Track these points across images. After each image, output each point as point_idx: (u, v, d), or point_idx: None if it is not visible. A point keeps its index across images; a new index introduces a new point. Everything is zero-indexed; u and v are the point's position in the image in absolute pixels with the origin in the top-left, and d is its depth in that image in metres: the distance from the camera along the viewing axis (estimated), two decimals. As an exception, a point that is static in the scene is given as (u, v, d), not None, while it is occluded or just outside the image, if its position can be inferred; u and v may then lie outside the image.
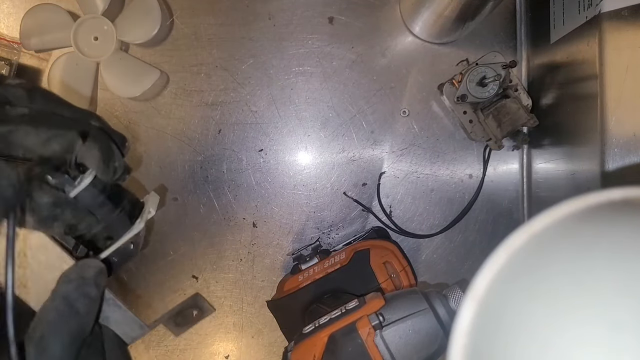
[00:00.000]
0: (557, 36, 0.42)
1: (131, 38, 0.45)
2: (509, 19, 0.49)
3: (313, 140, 0.49)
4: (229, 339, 0.51)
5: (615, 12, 0.33)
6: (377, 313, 0.34)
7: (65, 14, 0.44)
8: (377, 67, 0.49)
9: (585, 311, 0.15)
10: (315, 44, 0.49)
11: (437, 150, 0.50)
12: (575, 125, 0.39)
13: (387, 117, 0.49)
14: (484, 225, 0.50)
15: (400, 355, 0.33)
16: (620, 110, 0.33)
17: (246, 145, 0.49)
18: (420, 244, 0.50)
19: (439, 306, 0.35)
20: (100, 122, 0.25)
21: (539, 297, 0.16)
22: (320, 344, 0.35)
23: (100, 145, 0.24)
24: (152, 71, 0.46)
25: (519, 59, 0.49)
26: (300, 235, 0.50)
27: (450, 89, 0.46)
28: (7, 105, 0.22)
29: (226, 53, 0.49)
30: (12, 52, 0.47)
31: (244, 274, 0.50)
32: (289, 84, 0.49)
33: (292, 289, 0.44)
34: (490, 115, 0.45)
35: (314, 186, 0.50)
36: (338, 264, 0.43)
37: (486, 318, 0.17)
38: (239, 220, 0.50)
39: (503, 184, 0.50)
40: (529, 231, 0.18)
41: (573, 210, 0.18)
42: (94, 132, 0.24)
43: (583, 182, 0.38)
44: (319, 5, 0.49)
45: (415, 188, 0.50)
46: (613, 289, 0.15)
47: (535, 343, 0.15)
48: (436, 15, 0.43)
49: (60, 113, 0.24)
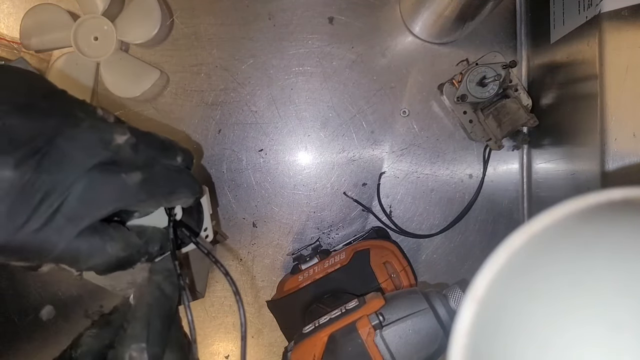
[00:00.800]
0: (557, 36, 0.42)
1: (131, 38, 0.45)
2: (509, 19, 0.49)
3: (313, 140, 0.49)
4: (229, 339, 0.51)
5: (615, 12, 0.33)
6: (377, 313, 0.34)
7: (65, 14, 0.44)
8: (377, 67, 0.49)
9: (585, 311, 0.15)
10: (315, 44, 0.49)
11: (437, 150, 0.50)
12: (575, 125, 0.39)
13: (387, 117, 0.49)
14: (484, 225, 0.50)
15: (400, 355, 0.33)
16: (620, 110, 0.33)
17: (246, 145, 0.49)
18: (420, 244, 0.50)
19: (439, 306, 0.35)
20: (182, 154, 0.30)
21: (539, 297, 0.16)
22: (320, 344, 0.35)
23: (191, 192, 0.30)
24: (152, 71, 0.46)
25: (519, 59, 0.49)
26: (300, 235, 0.50)
27: (450, 89, 0.46)
28: (122, 174, 0.25)
29: (226, 53, 0.49)
30: (12, 52, 0.47)
31: (244, 274, 0.50)
32: (289, 84, 0.49)
33: (292, 289, 0.44)
34: (490, 115, 0.45)
35: (314, 186, 0.50)
36: (338, 264, 0.43)
37: (486, 318, 0.17)
38: (238, 220, 0.50)
39: (503, 184, 0.50)
40: (529, 231, 0.18)
41: (573, 210, 0.18)
42: (185, 180, 0.29)
43: (583, 182, 0.38)
44: (319, 5, 0.49)
45: (415, 188, 0.50)
46: (613, 289, 0.15)
47: (535, 343, 0.15)
48: (436, 15, 0.43)
49: (161, 160, 0.28)
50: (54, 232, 0.23)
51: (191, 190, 0.30)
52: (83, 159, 0.24)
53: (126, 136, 0.26)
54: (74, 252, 0.24)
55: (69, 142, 0.24)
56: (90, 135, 0.25)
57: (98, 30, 0.44)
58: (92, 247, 0.24)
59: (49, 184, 0.23)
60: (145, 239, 0.28)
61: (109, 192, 0.24)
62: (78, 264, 0.25)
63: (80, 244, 0.24)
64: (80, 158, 0.24)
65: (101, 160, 0.25)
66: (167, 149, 0.29)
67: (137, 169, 0.26)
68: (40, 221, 0.22)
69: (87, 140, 0.24)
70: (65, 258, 0.24)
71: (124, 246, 0.26)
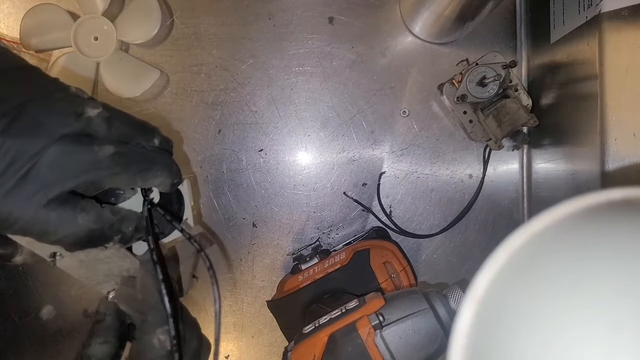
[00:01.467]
0: (557, 36, 0.42)
1: (131, 38, 0.45)
2: (509, 19, 0.49)
3: (313, 140, 0.49)
4: (229, 339, 0.51)
5: (615, 12, 0.33)
6: (377, 313, 0.34)
7: (65, 14, 0.44)
8: (377, 67, 0.49)
9: (585, 311, 0.15)
10: (315, 44, 0.49)
11: (437, 150, 0.50)
12: (575, 125, 0.39)
13: (387, 117, 0.49)
14: (484, 225, 0.50)
15: (400, 355, 0.33)
16: (620, 110, 0.33)
17: (246, 145, 0.49)
18: (420, 244, 0.50)
19: (439, 306, 0.35)
20: (160, 136, 0.29)
21: (539, 297, 0.16)
22: (320, 344, 0.35)
23: (169, 173, 0.28)
24: (152, 71, 0.46)
25: (519, 59, 0.49)
26: (300, 235, 0.50)
27: (450, 89, 0.46)
28: (94, 145, 0.24)
29: (226, 53, 0.49)
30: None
31: (244, 274, 0.50)
32: (289, 84, 0.49)
33: (292, 289, 0.44)
34: (490, 115, 0.45)
35: (314, 186, 0.50)
36: (338, 264, 0.43)
37: (486, 318, 0.17)
38: (238, 220, 0.50)
39: (503, 184, 0.50)
40: (529, 231, 0.18)
41: (573, 210, 0.18)
42: (162, 160, 0.28)
43: (583, 182, 0.38)
44: (319, 5, 0.49)
45: (415, 188, 0.50)
46: (613, 289, 0.15)
47: (535, 343, 0.15)
48: (436, 15, 0.43)
49: (137, 140, 0.27)
50: (21, 198, 0.22)
51: (169, 170, 0.28)
52: (54, 127, 0.23)
53: (98, 109, 0.25)
54: (43, 222, 0.23)
55: (40, 109, 0.23)
56: (62, 105, 0.24)
57: (98, 30, 0.44)
58: (61, 217, 0.24)
59: (17, 150, 0.22)
60: (120, 216, 0.27)
61: (80, 162, 0.24)
62: (47, 235, 0.24)
63: (50, 213, 0.23)
64: (51, 126, 0.23)
65: (73, 130, 0.24)
66: (144, 128, 0.28)
67: (110, 143, 0.25)
68: (7, 186, 0.22)
69: (59, 109, 0.24)
70: (33, 228, 0.23)
71: (95, 218, 0.25)
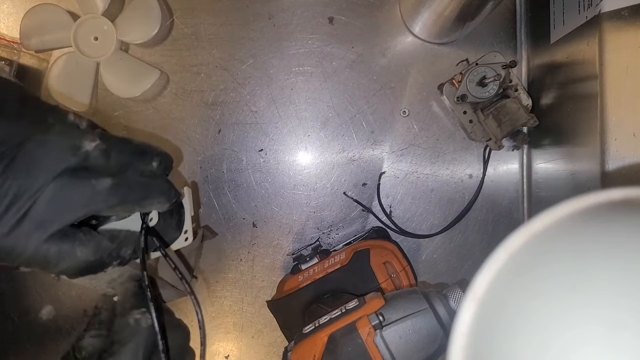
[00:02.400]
0: (557, 36, 0.42)
1: (131, 38, 0.45)
2: (509, 19, 0.49)
3: (313, 140, 0.49)
4: (229, 339, 0.51)
5: (615, 12, 0.33)
6: (377, 313, 0.34)
7: (65, 14, 0.44)
8: (377, 67, 0.49)
9: (585, 311, 0.15)
10: (315, 44, 0.49)
11: (437, 150, 0.50)
12: (575, 125, 0.39)
13: (387, 117, 0.49)
14: (484, 225, 0.50)
15: (400, 355, 0.33)
16: (620, 110, 0.33)
17: (246, 145, 0.49)
18: (420, 244, 0.50)
19: (439, 306, 0.35)
20: (158, 157, 0.30)
21: (538, 297, 0.16)
22: (320, 344, 0.35)
23: (166, 198, 0.30)
24: (152, 71, 0.46)
25: (519, 59, 0.49)
26: (300, 235, 0.50)
27: (450, 89, 0.46)
28: (92, 179, 0.25)
29: (226, 53, 0.49)
30: (12, 52, 0.47)
31: (244, 274, 0.50)
32: (289, 84, 0.49)
33: (292, 289, 0.44)
34: (490, 115, 0.45)
35: (314, 186, 0.50)
36: (338, 264, 0.43)
37: (486, 318, 0.17)
38: (238, 220, 0.50)
39: (503, 184, 0.50)
40: (529, 231, 0.18)
41: (573, 210, 0.18)
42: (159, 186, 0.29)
43: (583, 182, 0.38)
44: (319, 5, 0.49)
45: (415, 188, 0.50)
46: (613, 289, 0.15)
47: (535, 343, 0.15)
48: (436, 15, 0.43)
49: (135, 166, 0.28)
50: (22, 236, 0.23)
51: (165, 196, 0.30)
52: (52, 164, 0.24)
53: (95, 142, 0.26)
54: (43, 257, 0.24)
55: (37, 148, 0.24)
56: (60, 141, 0.25)
57: (98, 30, 0.44)
58: (61, 252, 0.25)
59: (17, 189, 0.23)
60: (118, 242, 0.29)
61: (78, 197, 0.25)
62: (48, 268, 0.25)
63: (50, 248, 0.24)
64: (49, 163, 0.24)
65: (70, 165, 0.25)
66: (141, 153, 0.29)
67: (108, 174, 0.26)
68: (8, 226, 0.23)
69: (56, 145, 0.25)
70: (34, 262, 0.24)
71: (94, 250, 0.26)
